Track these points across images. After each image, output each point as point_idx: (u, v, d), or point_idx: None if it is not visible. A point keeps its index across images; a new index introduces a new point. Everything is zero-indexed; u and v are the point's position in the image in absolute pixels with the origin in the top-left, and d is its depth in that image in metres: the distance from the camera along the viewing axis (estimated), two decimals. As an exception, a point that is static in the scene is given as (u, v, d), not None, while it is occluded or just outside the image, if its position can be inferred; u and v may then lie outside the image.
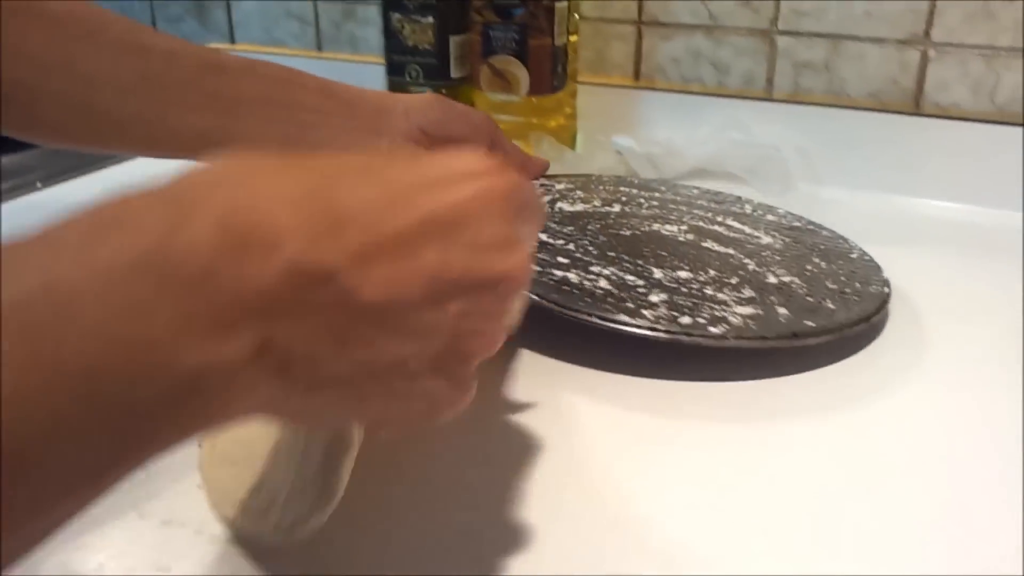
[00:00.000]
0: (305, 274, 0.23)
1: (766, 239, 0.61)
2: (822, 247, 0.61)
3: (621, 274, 0.51)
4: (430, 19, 0.74)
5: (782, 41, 0.80)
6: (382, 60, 0.78)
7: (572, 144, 0.79)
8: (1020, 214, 0.71)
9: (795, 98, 0.81)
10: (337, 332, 0.24)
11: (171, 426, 0.22)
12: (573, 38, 0.76)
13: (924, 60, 0.76)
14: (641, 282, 0.50)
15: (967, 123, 0.73)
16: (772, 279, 0.54)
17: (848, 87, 0.79)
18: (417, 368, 0.27)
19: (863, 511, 0.37)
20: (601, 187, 0.66)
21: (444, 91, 0.75)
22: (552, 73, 0.74)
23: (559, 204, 0.61)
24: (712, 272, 0.53)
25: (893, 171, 0.76)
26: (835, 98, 0.80)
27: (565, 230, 0.56)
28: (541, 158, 0.65)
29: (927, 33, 0.75)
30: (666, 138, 0.79)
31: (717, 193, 0.69)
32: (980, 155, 0.73)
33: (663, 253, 0.55)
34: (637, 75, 0.86)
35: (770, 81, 0.81)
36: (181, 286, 0.21)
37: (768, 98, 0.81)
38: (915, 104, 0.77)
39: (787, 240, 0.61)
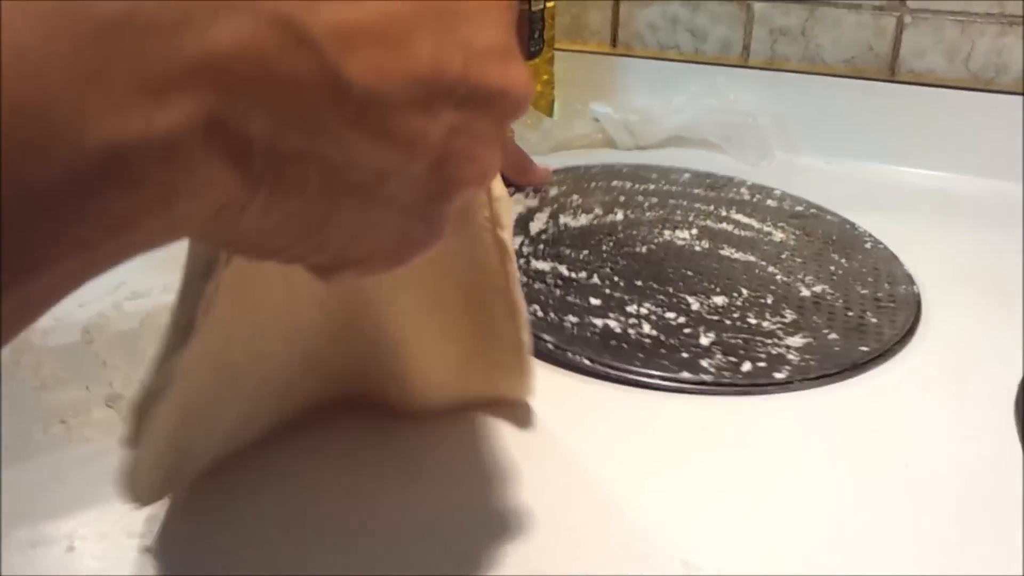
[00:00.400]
0: (275, 32, 0.18)
1: (778, 234, 0.58)
2: (834, 237, 0.58)
3: (659, 311, 0.47)
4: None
5: (759, 7, 0.77)
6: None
7: (550, 111, 0.75)
8: (993, 181, 0.71)
9: (771, 65, 0.78)
10: (309, 119, 0.19)
11: (97, 225, 0.17)
12: (550, 3, 0.70)
13: (900, 26, 0.73)
14: (683, 319, 0.46)
15: (942, 89, 0.72)
16: (804, 291, 0.51)
17: (824, 53, 0.76)
18: (397, 192, 0.22)
19: (869, 509, 0.36)
20: (593, 184, 0.62)
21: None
22: (529, 39, 0.69)
23: (563, 219, 0.56)
24: (745, 292, 0.50)
25: (868, 138, 0.75)
26: (811, 65, 0.77)
27: (581, 256, 0.52)
28: (545, 167, 0.59)
29: (902, -1, 0.72)
30: (643, 105, 0.76)
31: (708, 175, 0.66)
32: (954, 122, 0.72)
33: (688, 272, 0.51)
34: (614, 41, 0.82)
35: (747, 48, 0.78)
36: (91, 33, 0.16)
37: (744, 65, 0.78)
38: (891, 71, 0.75)
39: (797, 232, 0.58)
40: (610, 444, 0.38)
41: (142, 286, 0.46)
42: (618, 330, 0.45)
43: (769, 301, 0.49)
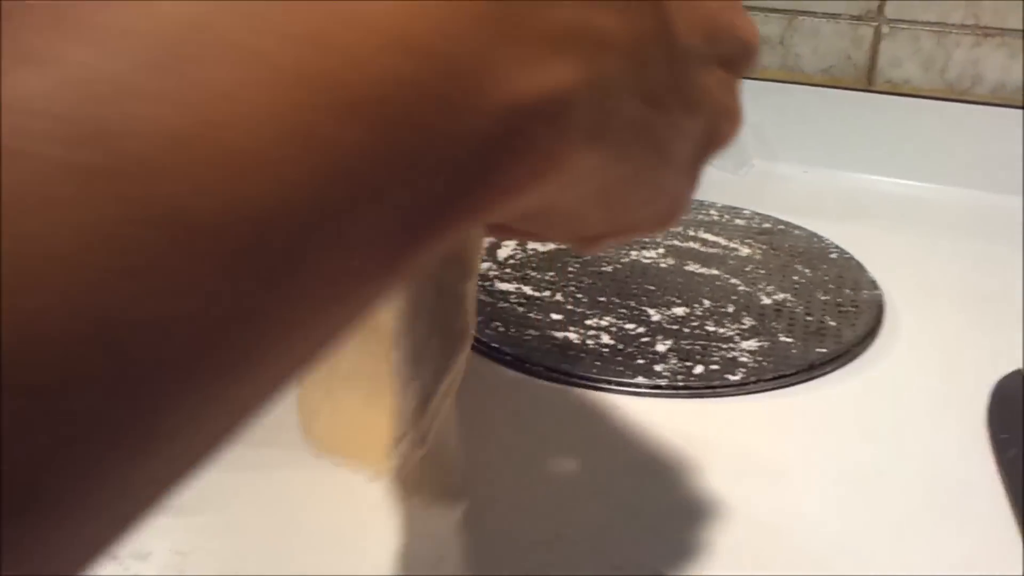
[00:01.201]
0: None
1: (744, 250, 0.62)
2: (800, 250, 0.62)
3: (619, 323, 0.51)
4: None
5: (739, 16, 0.82)
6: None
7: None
8: (968, 190, 0.75)
9: (750, 73, 0.82)
10: (650, 83, 0.20)
11: (481, 180, 0.17)
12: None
13: (877, 36, 0.78)
14: (642, 329, 0.51)
15: (918, 99, 0.76)
16: (766, 299, 0.55)
17: (803, 63, 0.81)
18: (681, 149, 0.24)
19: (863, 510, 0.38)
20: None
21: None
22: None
23: (531, 245, 0.60)
24: (707, 303, 0.54)
25: (846, 147, 0.79)
26: (789, 74, 0.82)
27: (547, 277, 0.56)
28: None
29: (881, 9, 0.77)
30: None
31: (678, 200, 0.70)
32: (930, 131, 0.76)
33: (651, 287, 0.55)
34: None
35: (726, 56, 0.83)
36: None
37: (723, 73, 0.83)
38: (868, 80, 0.80)
39: (764, 247, 0.62)
40: (571, 451, 0.41)
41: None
42: (577, 341, 0.49)
43: (730, 310, 0.53)
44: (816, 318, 0.53)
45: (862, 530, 0.37)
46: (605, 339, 0.49)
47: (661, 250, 0.61)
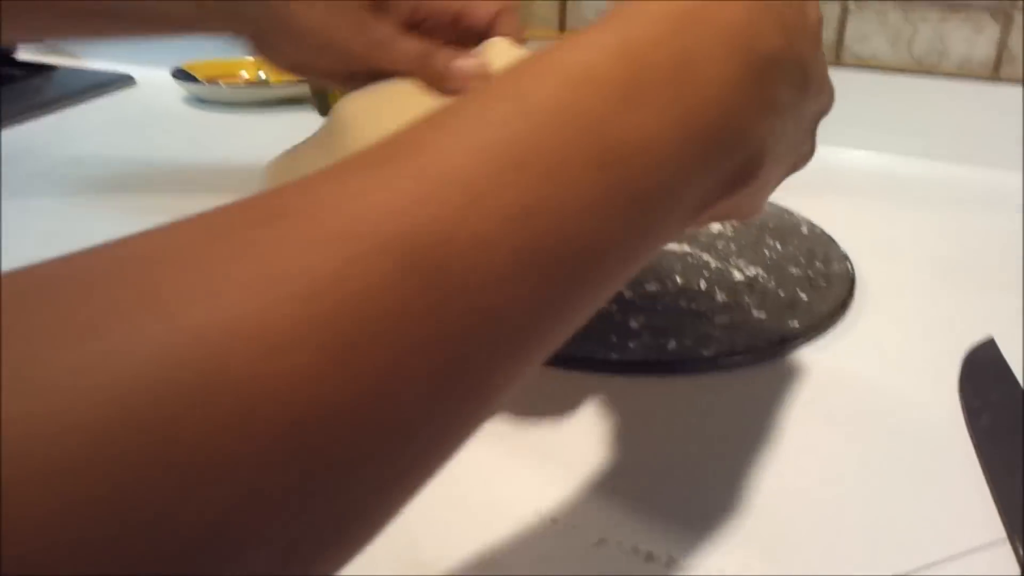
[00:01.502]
0: (797, 64, 0.29)
1: (715, 226, 0.62)
2: (771, 225, 0.62)
3: (591, 300, 0.51)
4: None
5: (703, -4, 0.82)
6: None
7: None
8: (935, 162, 0.76)
9: None
10: (791, 133, 0.30)
11: (731, 185, 0.27)
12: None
13: (844, 12, 0.79)
14: (615, 306, 0.50)
15: (885, 74, 0.77)
16: (738, 275, 0.55)
17: (768, 41, 0.82)
18: (783, 170, 0.33)
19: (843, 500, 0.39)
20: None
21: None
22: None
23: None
24: (679, 280, 0.54)
25: (813, 123, 0.79)
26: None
27: (516, 256, 0.56)
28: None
29: (848, -15, 0.78)
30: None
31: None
32: (898, 105, 0.77)
33: (623, 265, 0.55)
34: (563, 29, 0.86)
35: (693, 37, 0.84)
36: (760, 61, 0.26)
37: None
38: (836, 56, 0.80)
39: (735, 223, 0.62)
40: (544, 429, 0.42)
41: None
42: (548, 320, 0.49)
43: (702, 287, 0.53)
44: (788, 292, 0.53)
45: (837, 500, 0.38)
46: (577, 317, 0.49)
47: (632, 227, 0.61)
